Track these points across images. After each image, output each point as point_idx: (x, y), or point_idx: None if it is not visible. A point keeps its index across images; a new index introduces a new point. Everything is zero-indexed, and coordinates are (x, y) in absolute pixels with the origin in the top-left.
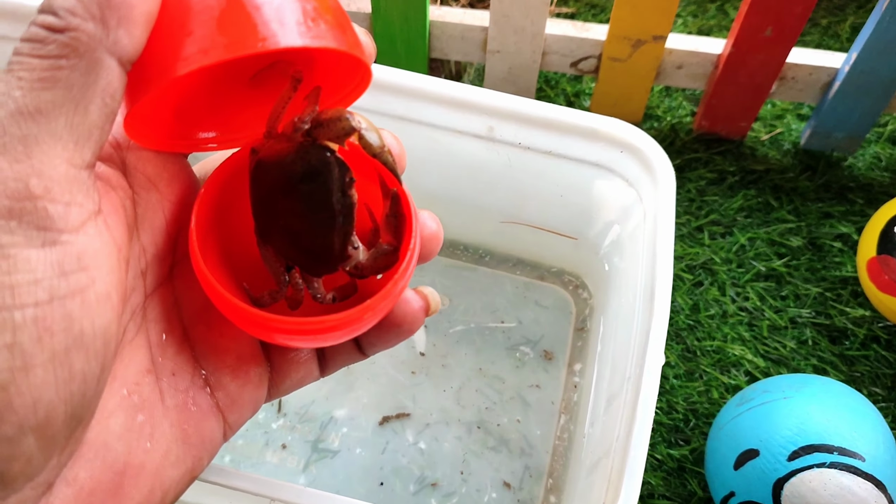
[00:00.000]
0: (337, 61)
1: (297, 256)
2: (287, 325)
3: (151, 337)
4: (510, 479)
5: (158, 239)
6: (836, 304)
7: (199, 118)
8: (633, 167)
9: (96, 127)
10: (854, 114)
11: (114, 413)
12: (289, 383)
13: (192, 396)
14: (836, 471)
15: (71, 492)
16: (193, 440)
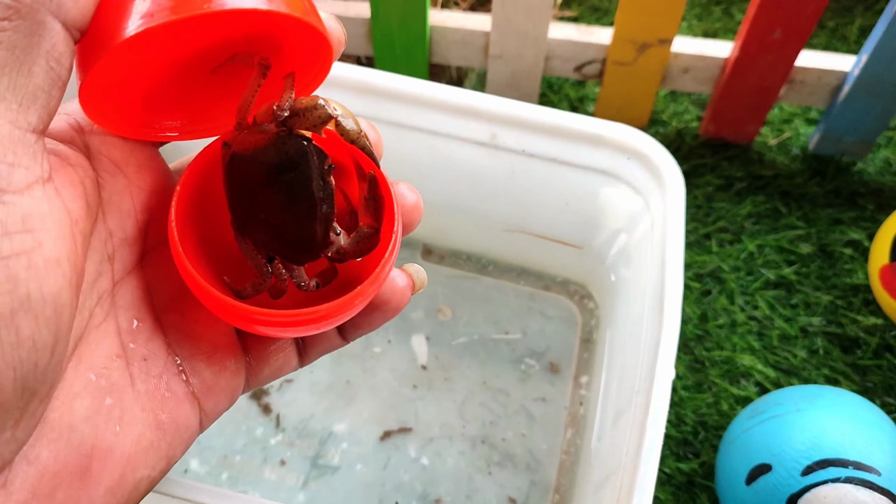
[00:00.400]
0: (297, 43)
1: (279, 247)
2: (279, 317)
3: (121, 323)
4: (515, 496)
5: (126, 224)
6: (847, 313)
7: (166, 108)
8: (640, 174)
9: (41, 90)
10: (864, 118)
11: (79, 395)
12: (268, 372)
13: (166, 382)
14: (851, 486)
15: (33, 471)
16: (168, 426)
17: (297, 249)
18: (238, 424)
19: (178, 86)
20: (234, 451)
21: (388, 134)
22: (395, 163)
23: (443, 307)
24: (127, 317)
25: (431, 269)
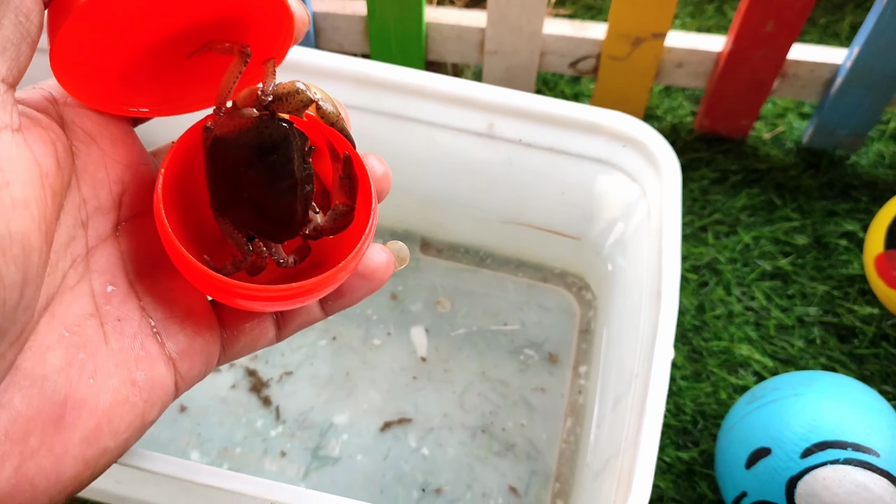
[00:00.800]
0: (262, 22)
1: (261, 225)
2: (265, 292)
3: (95, 287)
4: (516, 484)
5: (100, 194)
6: (843, 303)
7: (139, 86)
8: (636, 161)
9: (10, 43)
10: (857, 111)
11: (52, 348)
12: (244, 342)
13: (140, 342)
14: (850, 467)
15: (6, 414)
16: (143, 384)
17: (278, 227)
18: (238, 417)
19: (151, 65)
20: (234, 443)
21: (386, 125)
22: (393, 155)
23: (441, 299)
24: (101, 281)
25: (430, 262)
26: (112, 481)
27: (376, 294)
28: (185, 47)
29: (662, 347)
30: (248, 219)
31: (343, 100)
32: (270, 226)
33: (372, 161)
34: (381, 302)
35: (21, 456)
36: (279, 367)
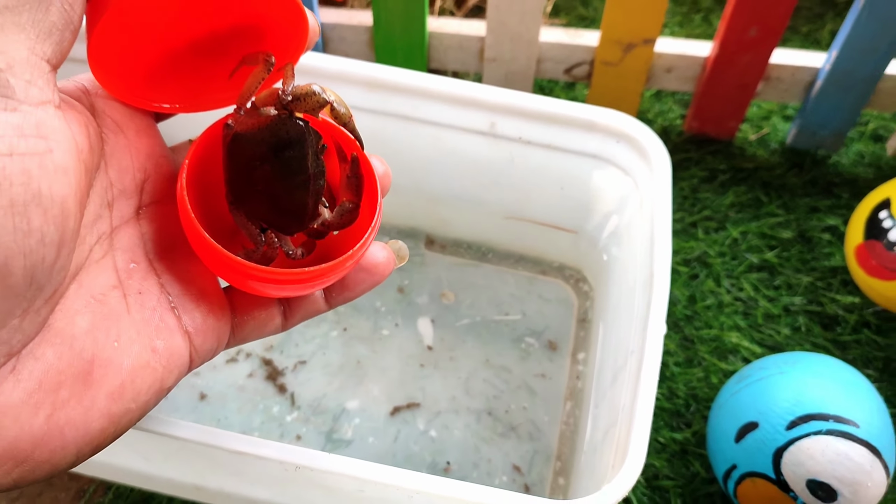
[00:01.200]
0: (279, 27)
1: (273, 216)
2: (278, 275)
3: (118, 263)
4: (519, 463)
5: (125, 178)
6: (826, 293)
7: (164, 85)
8: (629, 156)
9: (56, 28)
10: (837, 111)
11: (80, 312)
12: (252, 326)
13: (159, 315)
14: (832, 437)
15: (39, 366)
16: (162, 352)
17: (289, 219)
18: (255, 404)
19: (177, 64)
20: (252, 428)
21: (394, 126)
22: (400, 155)
23: (446, 292)
24: (124, 258)
25: (434, 257)
26: (141, 458)
27: (384, 288)
28: (210, 49)
29: (655, 323)
30: (262, 211)
31: (353, 102)
32: (282, 218)
33: (374, 161)
34: (389, 295)
35: (53, 405)
36: (294, 356)
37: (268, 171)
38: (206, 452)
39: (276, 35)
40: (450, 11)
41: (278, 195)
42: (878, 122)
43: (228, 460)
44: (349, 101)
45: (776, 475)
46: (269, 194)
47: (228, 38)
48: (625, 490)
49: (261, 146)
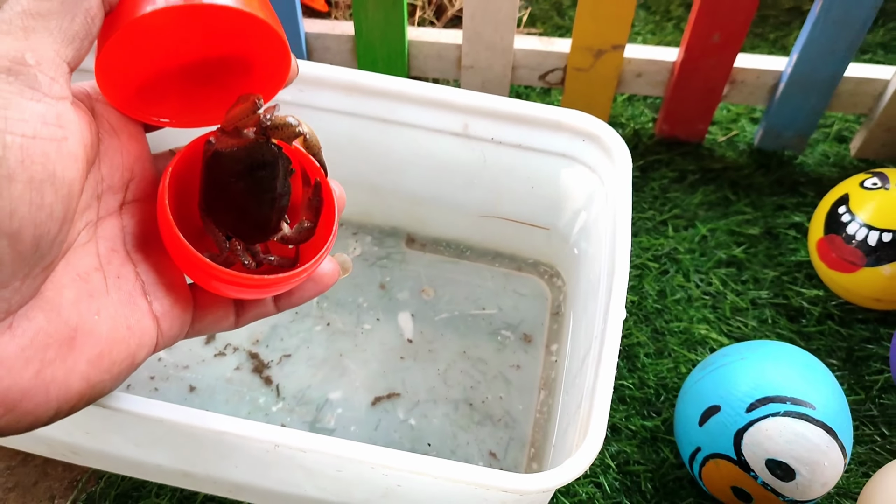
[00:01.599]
0: (263, 58)
1: (240, 227)
2: (239, 278)
3: (101, 249)
4: (496, 450)
5: (115, 175)
6: (792, 286)
7: (161, 100)
8: (594, 154)
9: (77, 36)
10: (800, 113)
11: (66, 286)
12: (208, 320)
13: (134, 298)
14: (789, 419)
15: (31, 327)
16: (135, 329)
17: (254, 231)
18: (242, 395)
19: (173, 84)
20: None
21: (372, 129)
22: (381, 157)
23: (426, 288)
24: (105, 245)
25: (415, 255)
26: (131, 444)
27: (367, 284)
28: (201, 74)
29: (616, 307)
30: (230, 221)
31: (333, 106)
32: (247, 229)
33: (332, 185)
34: (371, 291)
35: (41, 362)
36: (279, 350)
37: (240, 187)
38: (192, 435)
39: (261, 68)
40: (430, 22)
41: (247, 209)
42: (841, 123)
43: (212, 444)
44: (329, 105)
45: (737, 456)
46: (239, 207)
47: (219, 65)
48: (585, 464)
49: (237, 164)
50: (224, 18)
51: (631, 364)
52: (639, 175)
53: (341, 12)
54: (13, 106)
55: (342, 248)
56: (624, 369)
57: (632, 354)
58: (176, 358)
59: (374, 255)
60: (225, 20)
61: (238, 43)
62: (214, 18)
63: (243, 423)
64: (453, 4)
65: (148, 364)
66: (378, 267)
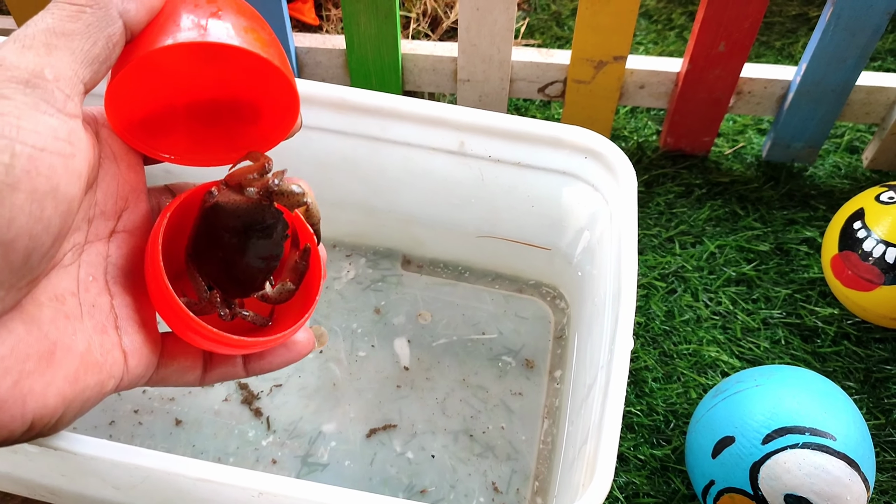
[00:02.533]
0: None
1: (223, 280)
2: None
3: (81, 274)
4: (498, 484)
5: (108, 202)
6: (805, 305)
7: (165, 136)
8: (597, 171)
9: (97, 59)
10: (809, 123)
11: (45, 305)
12: (173, 369)
13: (105, 328)
14: (808, 451)
15: (11, 337)
16: (107, 357)
17: (236, 286)
18: (231, 429)
19: (173, 123)
20: (227, 453)
21: (365, 148)
22: (374, 176)
23: (423, 312)
24: (86, 272)
25: (411, 277)
26: (110, 487)
27: (361, 309)
28: (207, 114)
29: (623, 336)
30: (215, 272)
31: (324, 125)
32: (232, 283)
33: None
34: (365, 316)
35: (20, 374)
36: (269, 380)
37: (234, 243)
38: (173, 481)
39: (268, 115)
40: (424, 34)
41: (236, 264)
42: (852, 133)
43: (194, 488)
44: (320, 124)
45: (753, 490)
46: (228, 261)
47: (227, 107)
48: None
49: (236, 220)
50: (238, 60)
51: (638, 389)
52: (643, 190)
53: (333, 26)
54: (27, 117)
55: (335, 271)
56: (631, 395)
57: (639, 379)
58: (161, 390)
59: (368, 278)
60: (239, 61)
61: (248, 87)
62: (229, 59)
63: (224, 469)
64: (448, 16)
65: (132, 397)
66: (372, 290)
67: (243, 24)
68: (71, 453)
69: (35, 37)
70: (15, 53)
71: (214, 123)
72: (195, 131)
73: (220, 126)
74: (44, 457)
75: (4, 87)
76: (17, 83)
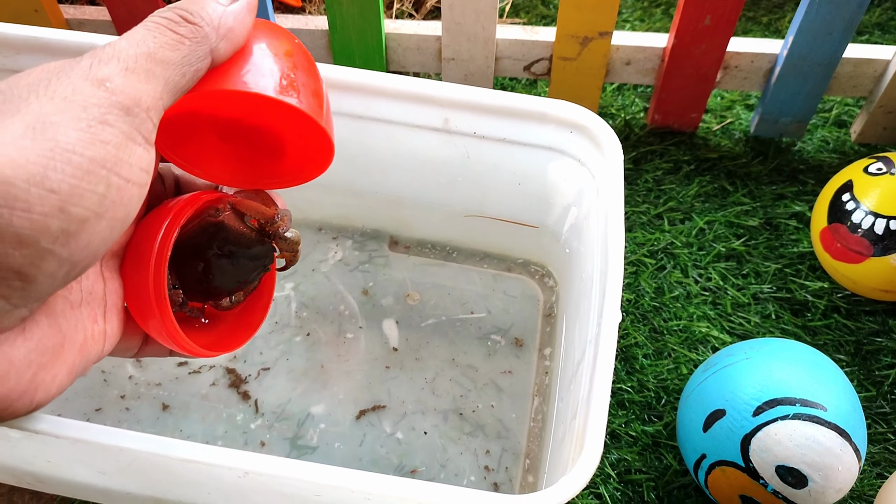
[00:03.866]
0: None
1: (194, 287)
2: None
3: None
4: (488, 463)
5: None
6: (795, 279)
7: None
8: (582, 145)
9: (180, 90)
10: (797, 98)
11: (59, 295)
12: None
13: (96, 317)
14: (799, 422)
15: (37, 332)
16: (92, 347)
17: (202, 295)
18: (219, 412)
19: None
20: (215, 437)
21: (349, 127)
22: (359, 156)
23: (411, 293)
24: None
25: (399, 258)
26: (96, 472)
27: (348, 290)
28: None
29: (610, 310)
30: (188, 277)
31: None
32: (198, 292)
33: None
34: (353, 298)
35: (38, 367)
36: (257, 363)
37: (221, 262)
38: (161, 463)
39: (294, 156)
40: (408, 14)
41: (212, 278)
42: (840, 107)
43: (181, 471)
44: None
45: (745, 463)
46: (207, 273)
47: (251, 132)
48: (582, 482)
49: (231, 244)
50: (294, 117)
51: (629, 366)
52: (631, 167)
53: (315, 6)
54: (124, 147)
55: (322, 253)
56: (622, 372)
57: (629, 356)
58: (148, 375)
59: (355, 260)
60: (294, 117)
61: (287, 131)
62: (287, 113)
63: (209, 449)
64: None
65: (118, 383)
66: (360, 272)
67: (312, 87)
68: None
69: (137, 60)
70: (120, 76)
71: (237, 143)
72: (216, 146)
73: (242, 148)
74: (28, 442)
75: (109, 112)
76: (119, 109)
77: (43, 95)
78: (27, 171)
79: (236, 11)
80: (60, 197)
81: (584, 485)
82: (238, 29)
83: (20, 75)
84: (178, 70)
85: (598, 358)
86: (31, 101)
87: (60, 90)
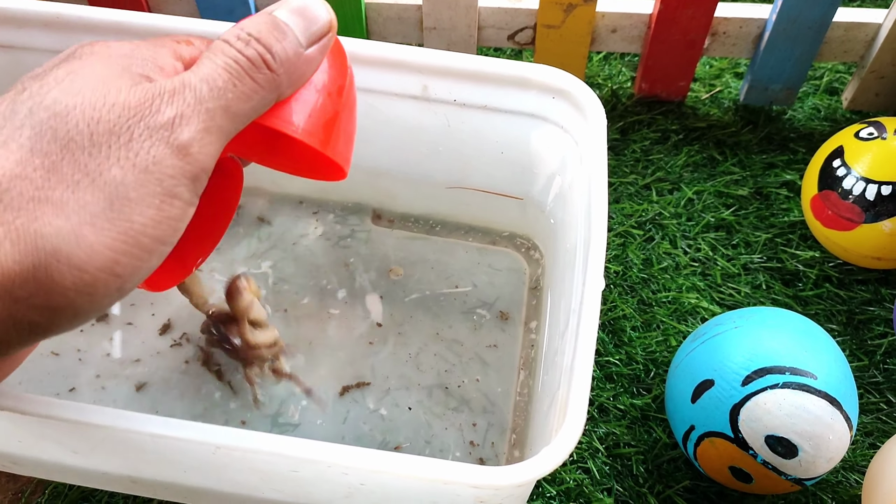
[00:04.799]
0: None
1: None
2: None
3: None
4: (474, 438)
5: None
6: (786, 249)
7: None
8: (565, 111)
9: (247, 120)
10: (787, 64)
11: None
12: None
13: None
14: (789, 390)
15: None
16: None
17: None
18: (197, 388)
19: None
20: (194, 415)
21: None
22: None
23: (394, 267)
24: None
25: (381, 232)
26: (69, 452)
27: (330, 265)
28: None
29: (593, 276)
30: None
31: None
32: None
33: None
34: (335, 273)
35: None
36: None
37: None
38: (132, 440)
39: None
40: None
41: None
42: (832, 74)
43: (154, 447)
44: None
45: (734, 433)
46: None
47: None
48: (565, 452)
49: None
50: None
51: (617, 339)
52: (619, 137)
53: None
54: (183, 219)
55: (303, 228)
56: (609, 345)
57: (617, 328)
58: (126, 352)
59: (336, 234)
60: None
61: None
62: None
63: (177, 423)
64: None
65: (94, 361)
66: (342, 247)
67: (350, 132)
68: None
69: (214, 117)
70: (198, 141)
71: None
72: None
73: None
74: None
75: (180, 183)
76: (189, 179)
77: (123, 158)
78: (102, 259)
79: (313, 57)
80: (122, 280)
81: (567, 454)
82: (308, 74)
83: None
84: (244, 121)
85: (580, 326)
86: (111, 162)
87: (142, 156)
